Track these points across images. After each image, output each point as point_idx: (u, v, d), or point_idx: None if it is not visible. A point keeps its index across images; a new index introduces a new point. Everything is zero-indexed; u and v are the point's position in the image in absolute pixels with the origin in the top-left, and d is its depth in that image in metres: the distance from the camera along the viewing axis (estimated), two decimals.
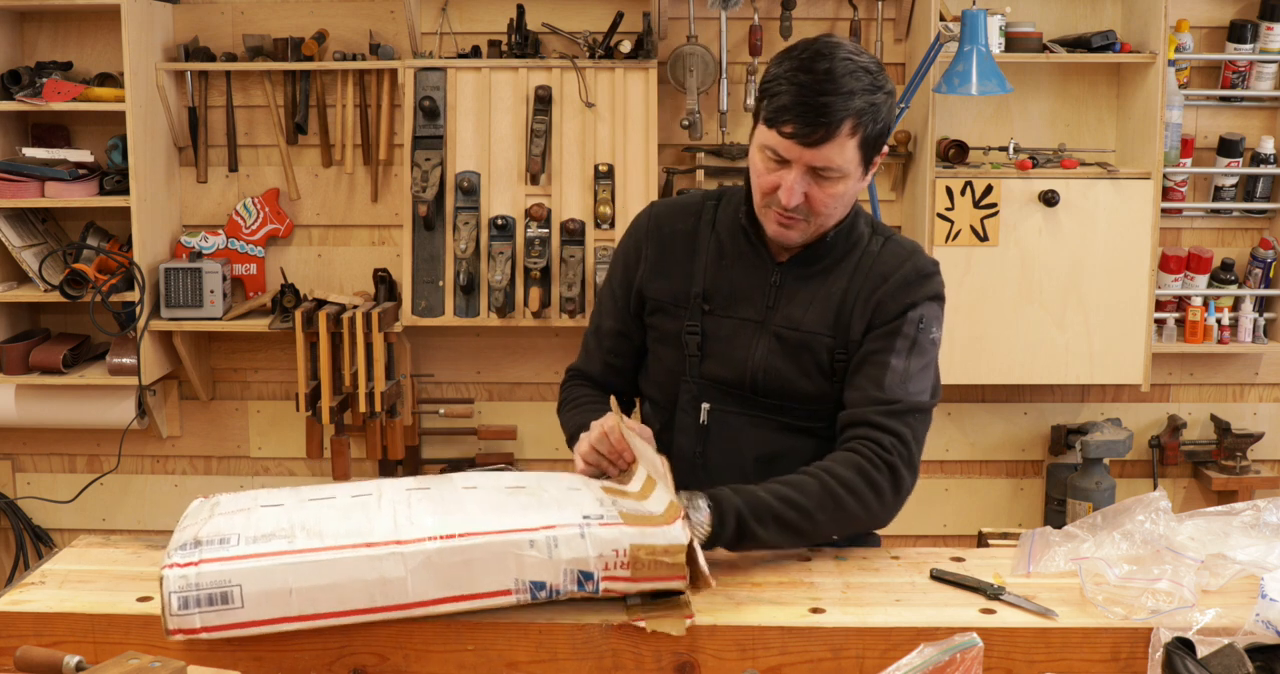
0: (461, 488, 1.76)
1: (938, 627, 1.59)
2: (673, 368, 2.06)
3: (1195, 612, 1.60)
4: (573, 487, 1.78)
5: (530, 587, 1.58)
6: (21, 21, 3.84)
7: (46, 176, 3.61)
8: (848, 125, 1.82)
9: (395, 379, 3.82)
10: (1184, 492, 4.07)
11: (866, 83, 1.83)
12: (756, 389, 2.00)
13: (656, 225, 2.11)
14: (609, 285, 2.16)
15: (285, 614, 1.55)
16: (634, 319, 2.12)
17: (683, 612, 1.60)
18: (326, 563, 1.55)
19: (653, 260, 2.08)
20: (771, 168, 1.88)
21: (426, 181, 3.66)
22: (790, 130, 1.82)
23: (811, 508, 1.81)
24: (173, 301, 3.71)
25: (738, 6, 3.63)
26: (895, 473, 1.87)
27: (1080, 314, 3.69)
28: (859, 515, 1.85)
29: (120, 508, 4.11)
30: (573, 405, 2.15)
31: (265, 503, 1.72)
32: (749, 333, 2.01)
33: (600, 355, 2.18)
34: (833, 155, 1.84)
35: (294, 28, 3.84)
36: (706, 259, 2.05)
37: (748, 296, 2.02)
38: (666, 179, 3.81)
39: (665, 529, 1.60)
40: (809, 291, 1.99)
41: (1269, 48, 3.75)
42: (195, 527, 1.65)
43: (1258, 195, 3.88)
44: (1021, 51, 3.67)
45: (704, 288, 2.03)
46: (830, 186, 1.88)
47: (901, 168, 3.89)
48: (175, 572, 1.54)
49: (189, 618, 1.53)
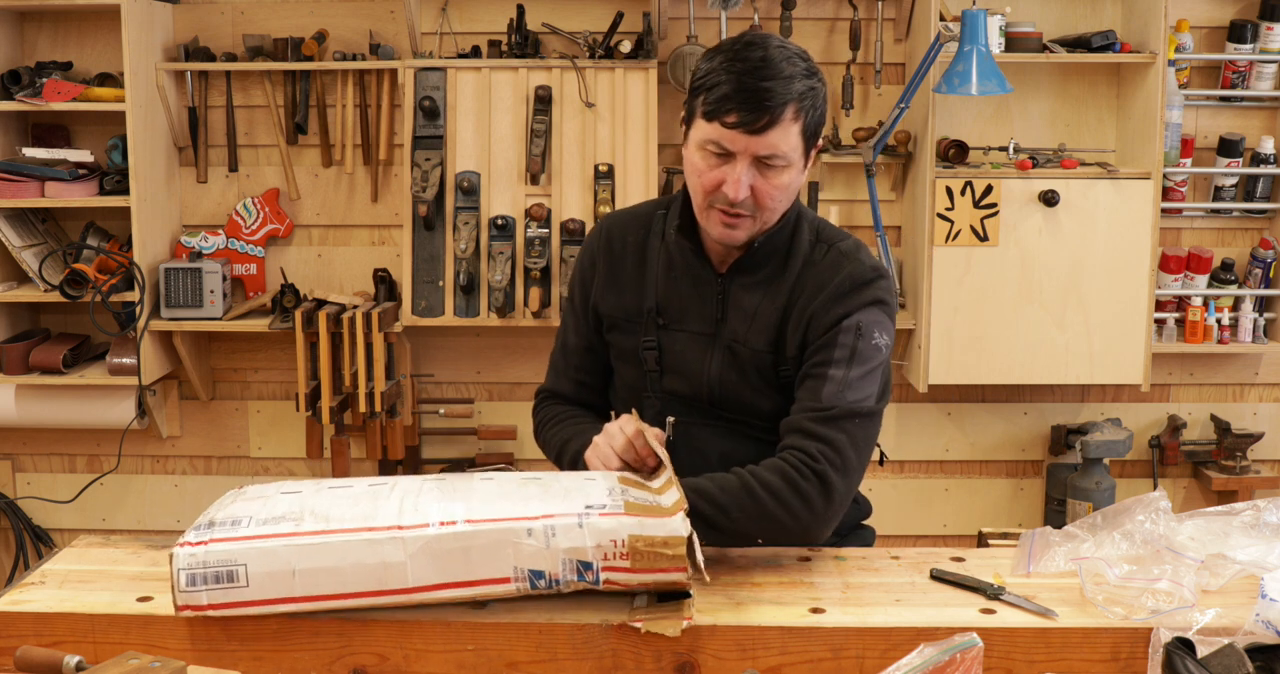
0: (478, 480, 1.76)
1: (938, 627, 1.59)
2: (634, 384, 2.05)
3: (1195, 612, 1.60)
4: (589, 478, 1.77)
5: (529, 575, 1.58)
6: (21, 21, 3.84)
7: (46, 176, 3.61)
8: (791, 109, 1.81)
9: (395, 379, 3.82)
10: (1184, 492, 4.07)
11: (802, 68, 1.83)
12: (714, 402, 1.99)
13: (607, 241, 2.09)
14: (570, 303, 2.15)
15: (289, 595, 1.56)
16: (597, 336, 2.11)
17: (682, 614, 1.60)
18: (329, 545, 1.56)
19: (605, 277, 2.07)
20: (714, 163, 1.86)
21: (426, 181, 3.66)
22: (734, 119, 1.81)
23: (728, 504, 1.78)
24: (173, 301, 3.71)
25: (738, 6, 3.63)
26: (824, 480, 1.80)
27: (1080, 314, 3.69)
28: (783, 521, 1.79)
29: (120, 508, 4.11)
30: (554, 422, 2.12)
31: (285, 490, 1.74)
32: (701, 346, 1.99)
33: (570, 374, 2.16)
34: (778, 142, 1.82)
35: (294, 28, 3.84)
36: (657, 271, 2.03)
37: (697, 310, 2.00)
38: (666, 179, 3.81)
39: (665, 521, 1.60)
40: (751, 303, 1.97)
41: (1269, 48, 3.75)
42: (214, 511, 1.67)
43: (1258, 195, 3.88)
44: (1021, 51, 3.68)
45: (656, 301, 2.02)
46: (776, 177, 1.86)
47: (901, 168, 3.89)
48: (185, 550, 1.56)
49: (196, 595, 1.56)
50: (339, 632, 1.60)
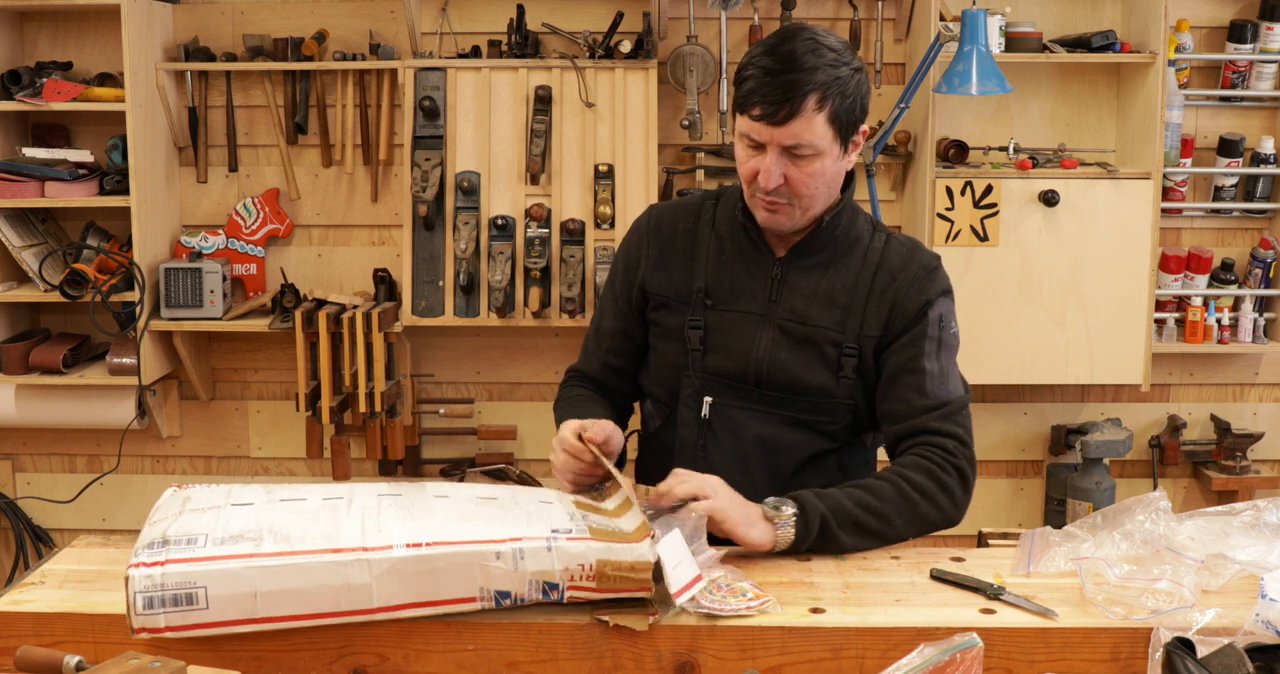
0: (432, 496, 1.76)
1: (938, 627, 1.59)
2: (675, 362, 2.09)
3: (1195, 612, 1.60)
4: (545, 500, 1.79)
5: (495, 595, 1.59)
6: (21, 21, 3.84)
7: (46, 176, 3.61)
8: (812, 99, 1.87)
9: (395, 379, 3.82)
10: (1184, 492, 4.07)
11: (830, 59, 1.89)
12: (760, 381, 2.03)
13: (657, 225, 2.15)
14: (610, 287, 2.20)
15: (250, 616, 1.55)
16: (635, 319, 2.15)
17: (646, 609, 1.62)
18: (292, 567, 1.55)
19: (654, 258, 2.12)
20: (750, 154, 1.94)
21: (426, 181, 3.66)
22: (758, 112, 1.88)
23: (889, 512, 1.88)
24: (173, 301, 3.71)
25: (738, 6, 3.63)
26: (962, 473, 1.95)
27: (1080, 314, 3.69)
28: (933, 518, 1.93)
29: (120, 508, 4.11)
30: (566, 402, 2.19)
31: (236, 501, 1.72)
32: (752, 325, 2.04)
33: (600, 355, 2.21)
34: (801, 132, 1.88)
35: (294, 28, 3.84)
36: (707, 256, 2.08)
37: (749, 291, 2.05)
38: (666, 179, 3.81)
39: (633, 547, 1.62)
40: (811, 285, 2.03)
41: (1269, 48, 3.75)
42: (165, 523, 1.65)
43: (1258, 195, 3.88)
44: (1021, 51, 3.68)
45: (705, 283, 2.07)
46: (806, 165, 1.92)
47: (901, 168, 3.89)
48: (141, 571, 1.54)
49: (154, 618, 1.54)
50: (339, 632, 1.60)
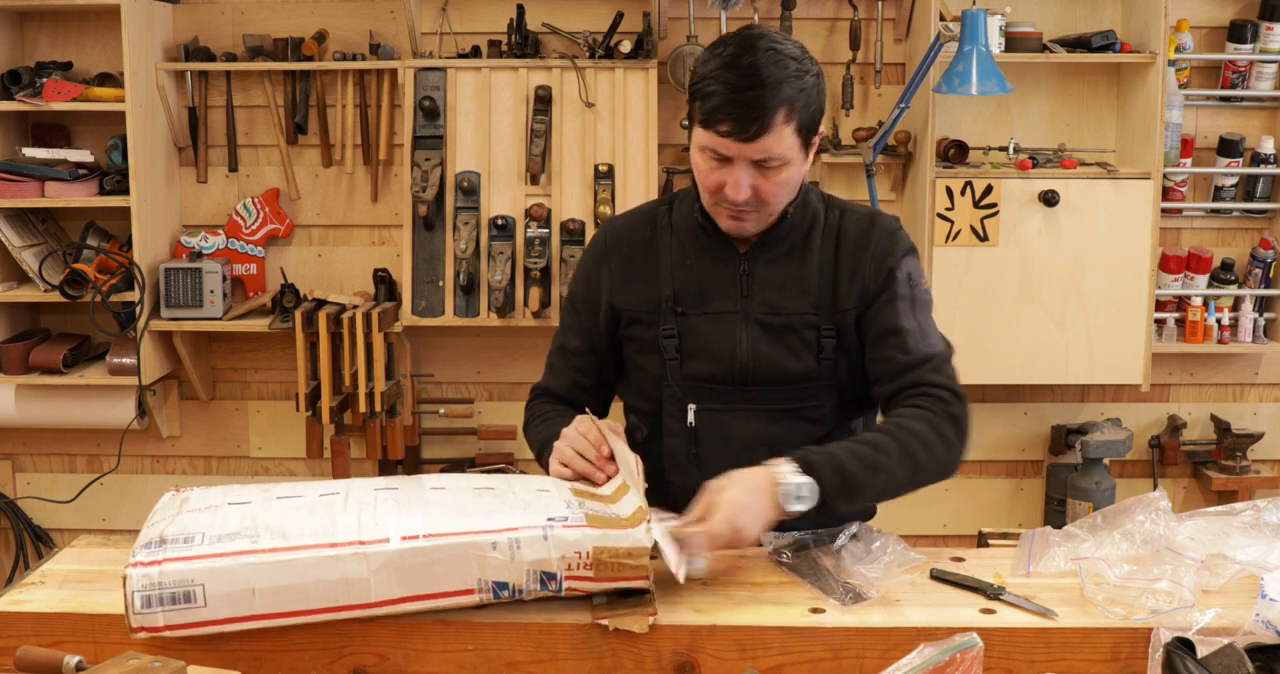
0: (429, 489, 1.77)
1: (938, 627, 1.59)
2: (655, 374, 2.07)
3: (1195, 612, 1.60)
4: (541, 488, 1.79)
5: (493, 587, 1.59)
6: (21, 21, 3.84)
7: (46, 176, 3.61)
8: (781, 114, 1.85)
9: (395, 379, 3.82)
10: (1184, 492, 4.07)
11: (793, 69, 1.86)
12: (745, 379, 2.02)
13: (614, 240, 2.13)
14: (571, 305, 2.18)
15: (249, 613, 1.55)
16: (604, 335, 2.13)
17: (646, 610, 1.61)
18: (289, 563, 1.55)
19: (617, 274, 2.10)
20: (714, 166, 1.92)
21: (426, 181, 3.66)
22: (726, 129, 1.85)
23: (893, 466, 1.85)
24: (173, 302, 3.71)
25: (738, 6, 3.63)
26: (957, 421, 1.92)
27: (1080, 314, 3.69)
28: (931, 468, 1.89)
29: (120, 508, 4.11)
30: (540, 420, 2.14)
31: (233, 500, 1.72)
32: (729, 325, 2.03)
33: (568, 374, 2.18)
34: (772, 146, 1.87)
35: (294, 28, 3.84)
36: (671, 262, 2.07)
37: (719, 290, 2.04)
38: (666, 179, 3.81)
39: (629, 532, 1.62)
40: (779, 275, 2.02)
41: (1269, 48, 3.75)
42: (162, 524, 1.65)
43: (1258, 195, 3.88)
44: (1021, 51, 3.67)
45: (674, 290, 2.05)
46: (775, 175, 1.91)
47: (901, 168, 3.89)
48: (139, 571, 1.54)
49: (152, 616, 1.54)
50: (339, 632, 1.60)
